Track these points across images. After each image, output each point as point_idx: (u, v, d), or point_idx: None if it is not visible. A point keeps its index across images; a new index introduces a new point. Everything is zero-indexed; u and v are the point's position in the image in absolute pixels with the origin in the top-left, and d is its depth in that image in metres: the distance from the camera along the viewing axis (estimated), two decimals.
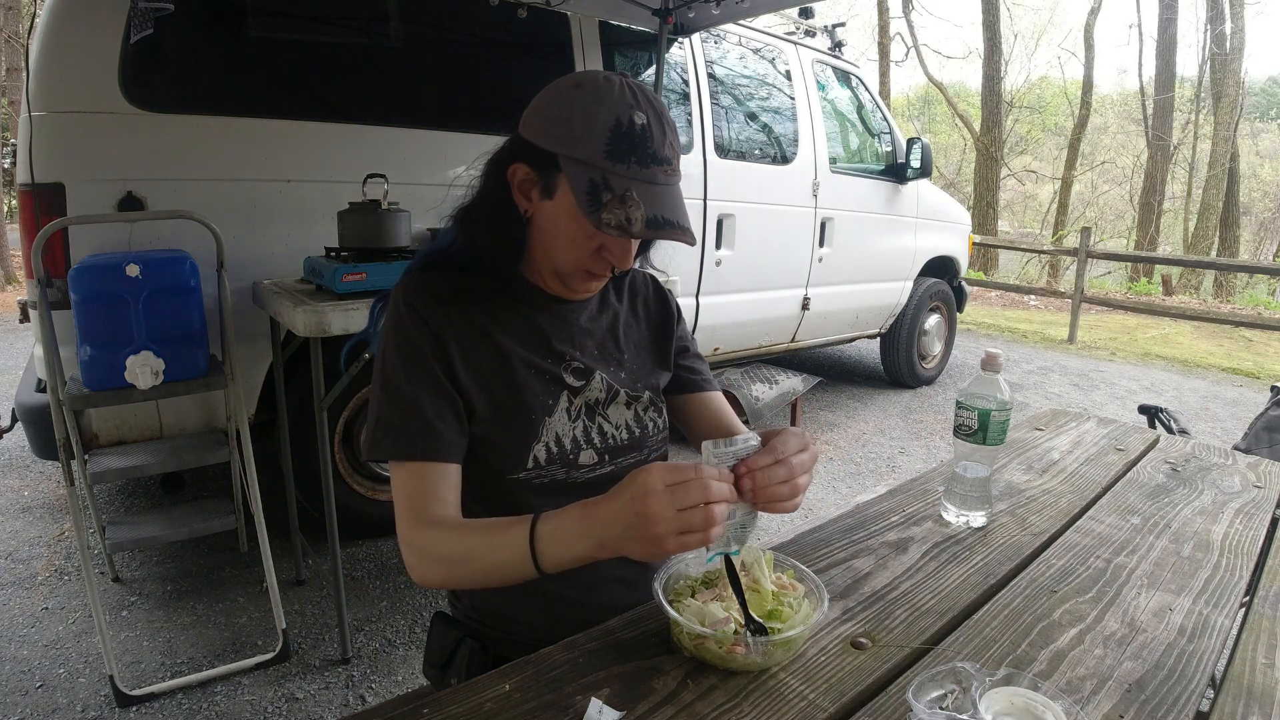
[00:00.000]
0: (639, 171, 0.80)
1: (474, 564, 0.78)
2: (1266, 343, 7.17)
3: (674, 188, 0.84)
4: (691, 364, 1.07)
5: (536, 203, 0.86)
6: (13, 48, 7.59)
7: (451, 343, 0.87)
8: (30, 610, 2.09)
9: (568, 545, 0.73)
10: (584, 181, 0.79)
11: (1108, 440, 1.53)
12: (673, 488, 0.66)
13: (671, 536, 0.66)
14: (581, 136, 0.80)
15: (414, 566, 0.81)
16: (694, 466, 0.68)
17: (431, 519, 0.81)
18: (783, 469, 0.72)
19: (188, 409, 2.19)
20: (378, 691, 1.84)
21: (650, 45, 3.10)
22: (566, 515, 0.74)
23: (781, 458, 0.73)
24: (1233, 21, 11.49)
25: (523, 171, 0.85)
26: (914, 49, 15.03)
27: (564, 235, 0.85)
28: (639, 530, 0.67)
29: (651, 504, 0.66)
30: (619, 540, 0.70)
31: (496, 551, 0.76)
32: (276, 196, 2.25)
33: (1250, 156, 17.82)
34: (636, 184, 0.80)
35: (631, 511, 0.67)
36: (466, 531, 0.80)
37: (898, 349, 4.73)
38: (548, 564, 0.74)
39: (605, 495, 0.72)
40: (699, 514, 0.66)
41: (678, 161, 0.84)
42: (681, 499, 0.66)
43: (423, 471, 0.83)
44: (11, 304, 6.34)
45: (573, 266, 0.87)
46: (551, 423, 0.90)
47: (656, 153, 0.81)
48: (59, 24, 1.95)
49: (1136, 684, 0.73)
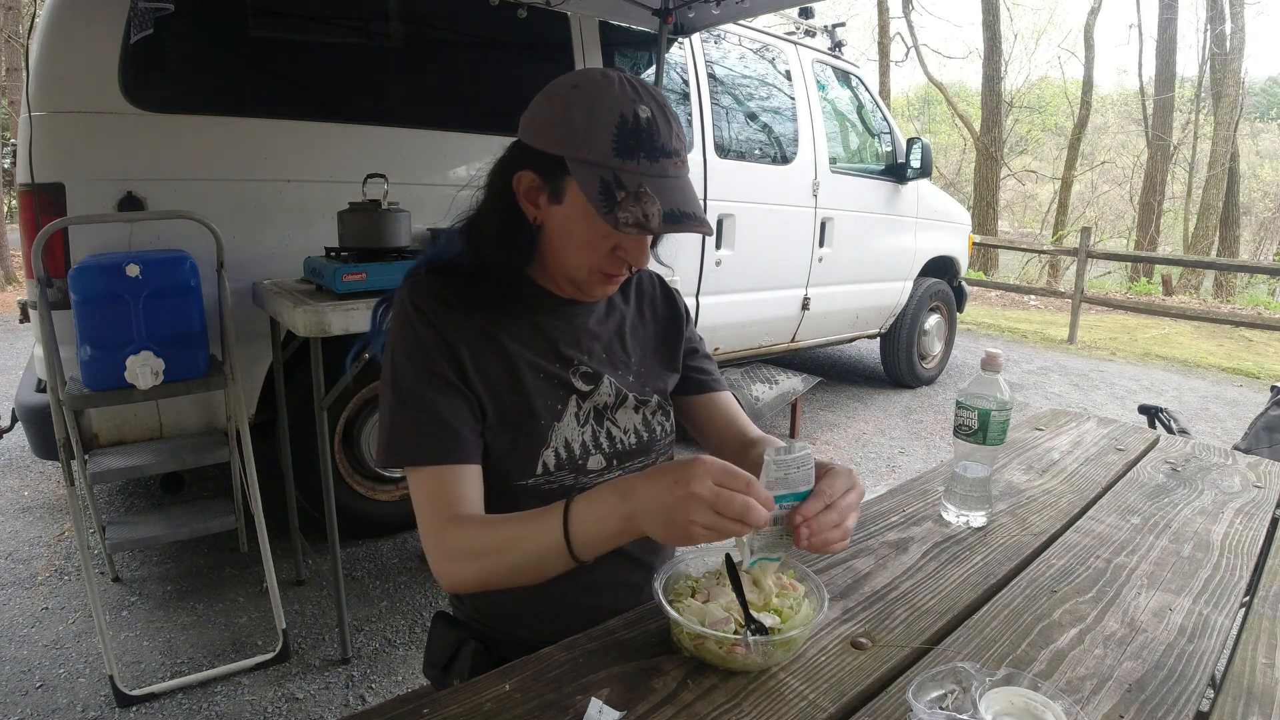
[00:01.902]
0: (649, 166, 0.79)
1: (509, 554, 0.76)
2: (1266, 343, 7.17)
3: (684, 179, 0.83)
4: (700, 365, 1.06)
5: (545, 209, 0.85)
6: (13, 48, 7.60)
7: (461, 346, 0.85)
8: (30, 610, 2.09)
9: (601, 520, 0.72)
10: (595, 182, 0.78)
11: (1108, 440, 1.53)
12: (720, 491, 0.66)
13: (701, 529, 0.66)
14: (586, 137, 0.78)
15: (445, 570, 0.79)
16: (746, 479, 0.68)
17: (459, 518, 0.80)
18: (834, 514, 0.72)
19: (188, 409, 2.19)
20: (378, 691, 1.84)
21: (650, 45, 3.10)
22: (599, 492, 0.74)
23: (831, 501, 0.73)
24: (1233, 21, 11.49)
25: (528, 179, 0.84)
26: (914, 49, 15.03)
27: (577, 239, 0.84)
28: (674, 513, 0.67)
29: (696, 493, 0.66)
30: (647, 516, 0.69)
31: (529, 540, 0.75)
32: (276, 196, 2.25)
33: (1250, 156, 17.82)
34: (649, 179, 0.78)
35: (672, 494, 0.67)
36: (500, 523, 0.78)
37: (898, 349, 4.73)
38: (580, 544, 0.73)
39: (645, 472, 0.72)
40: (733, 524, 0.67)
41: (685, 153, 0.84)
42: (725, 505, 0.66)
43: (444, 474, 0.82)
44: (11, 304, 6.35)
45: (588, 270, 0.86)
46: (560, 428, 0.89)
47: (664, 146, 0.80)
48: (59, 24, 1.95)
49: (1136, 684, 0.73)
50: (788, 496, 0.72)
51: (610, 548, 0.73)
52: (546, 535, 0.74)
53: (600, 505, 0.73)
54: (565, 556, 0.73)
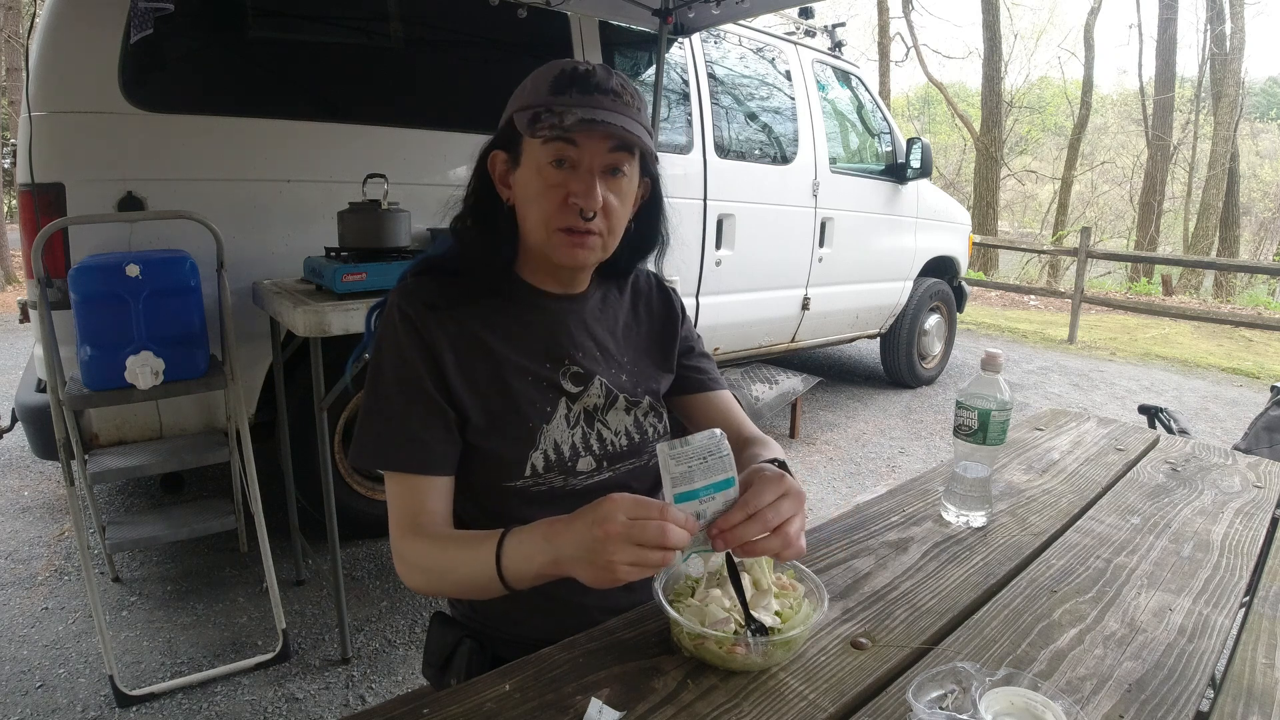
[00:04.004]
0: (580, 99, 0.82)
1: (450, 576, 0.81)
2: (1266, 343, 7.17)
3: (621, 114, 0.83)
4: (697, 363, 1.06)
5: (513, 184, 0.88)
6: (13, 48, 7.59)
7: (445, 352, 0.86)
8: (30, 610, 2.09)
9: (528, 559, 0.74)
10: (527, 116, 0.81)
11: (1108, 440, 1.53)
12: (633, 522, 0.66)
13: (624, 565, 0.67)
14: (529, 92, 0.84)
15: (402, 574, 0.84)
16: (659, 507, 0.68)
17: (417, 530, 0.83)
18: (755, 525, 0.71)
19: (188, 409, 2.19)
20: (378, 691, 1.84)
21: (650, 45, 3.10)
22: (530, 530, 0.75)
23: (754, 511, 0.71)
24: (1233, 21, 11.49)
25: (499, 158, 0.88)
26: (914, 49, 15.02)
27: (532, 196, 0.85)
28: (594, 555, 0.68)
29: (610, 531, 0.66)
30: (573, 561, 0.70)
31: (467, 565, 0.78)
32: (276, 196, 2.25)
33: (1250, 156, 17.81)
34: (580, 108, 0.81)
35: (590, 536, 0.68)
36: (447, 544, 0.82)
37: (898, 349, 4.73)
38: (510, 577, 0.75)
39: (569, 515, 0.73)
40: (655, 554, 0.67)
41: (631, 99, 0.85)
42: (639, 535, 0.66)
43: (412, 483, 0.85)
44: (11, 304, 6.34)
45: (546, 229, 0.85)
46: (550, 430, 0.89)
47: (600, 84, 0.83)
48: (59, 24, 1.94)
49: (1136, 684, 0.73)
50: (704, 489, 0.71)
51: (541, 583, 0.75)
52: (482, 564, 0.76)
53: (528, 545, 0.74)
54: (499, 585, 0.76)
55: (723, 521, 0.71)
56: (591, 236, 0.86)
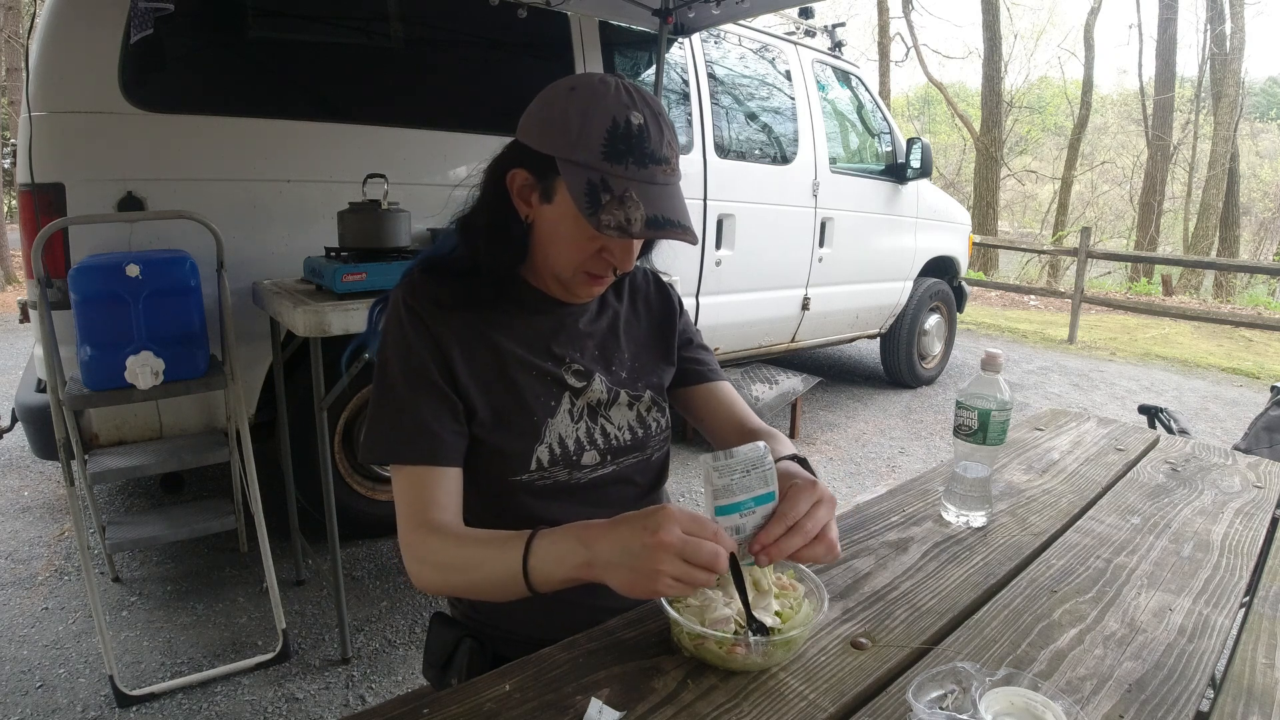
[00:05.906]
0: (637, 171, 0.79)
1: (469, 574, 0.78)
2: (1266, 343, 7.17)
3: (673, 187, 0.83)
4: (696, 355, 1.07)
5: (536, 207, 0.86)
6: (13, 48, 7.59)
7: (452, 346, 0.86)
8: (30, 610, 2.09)
9: (559, 561, 0.72)
10: (582, 184, 0.79)
11: (1108, 440, 1.53)
12: (688, 539, 0.66)
13: (668, 579, 0.66)
14: (578, 139, 0.79)
15: (413, 572, 0.82)
16: (714, 529, 0.68)
17: (431, 525, 0.81)
18: (797, 537, 0.72)
19: (188, 409, 2.19)
20: (378, 691, 1.84)
21: (650, 45, 3.10)
22: (563, 532, 0.74)
23: (793, 523, 0.72)
24: (1233, 22, 11.49)
25: (522, 177, 0.85)
26: (914, 49, 15.02)
27: (564, 238, 0.85)
28: (640, 562, 0.67)
29: (664, 541, 0.66)
30: (610, 565, 0.69)
31: (491, 564, 0.76)
32: (276, 196, 2.25)
33: (1250, 156, 17.80)
34: (635, 184, 0.79)
35: (638, 542, 0.67)
36: (465, 541, 0.80)
37: (898, 349, 4.73)
38: (537, 579, 0.73)
39: (609, 520, 0.72)
40: (701, 574, 0.67)
41: (676, 160, 0.84)
42: (692, 553, 0.66)
43: (422, 476, 0.83)
44: (11, 304, 6.34)
45: (573, 270, 0.87)
46: (554, 424, 0.90)
47: (654, 152, 0.80)
48: (59, 24, 1.94)
49: (1136, 684, 0.73)
50: (746, 503, 0.71)
51: (567, 587, 0.74)
52: (506, 564, 0.75)
53: (560, 546, 0.73)
54: (522, 586, 0.74)
55: (764, 536, 0.71)
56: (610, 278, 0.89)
